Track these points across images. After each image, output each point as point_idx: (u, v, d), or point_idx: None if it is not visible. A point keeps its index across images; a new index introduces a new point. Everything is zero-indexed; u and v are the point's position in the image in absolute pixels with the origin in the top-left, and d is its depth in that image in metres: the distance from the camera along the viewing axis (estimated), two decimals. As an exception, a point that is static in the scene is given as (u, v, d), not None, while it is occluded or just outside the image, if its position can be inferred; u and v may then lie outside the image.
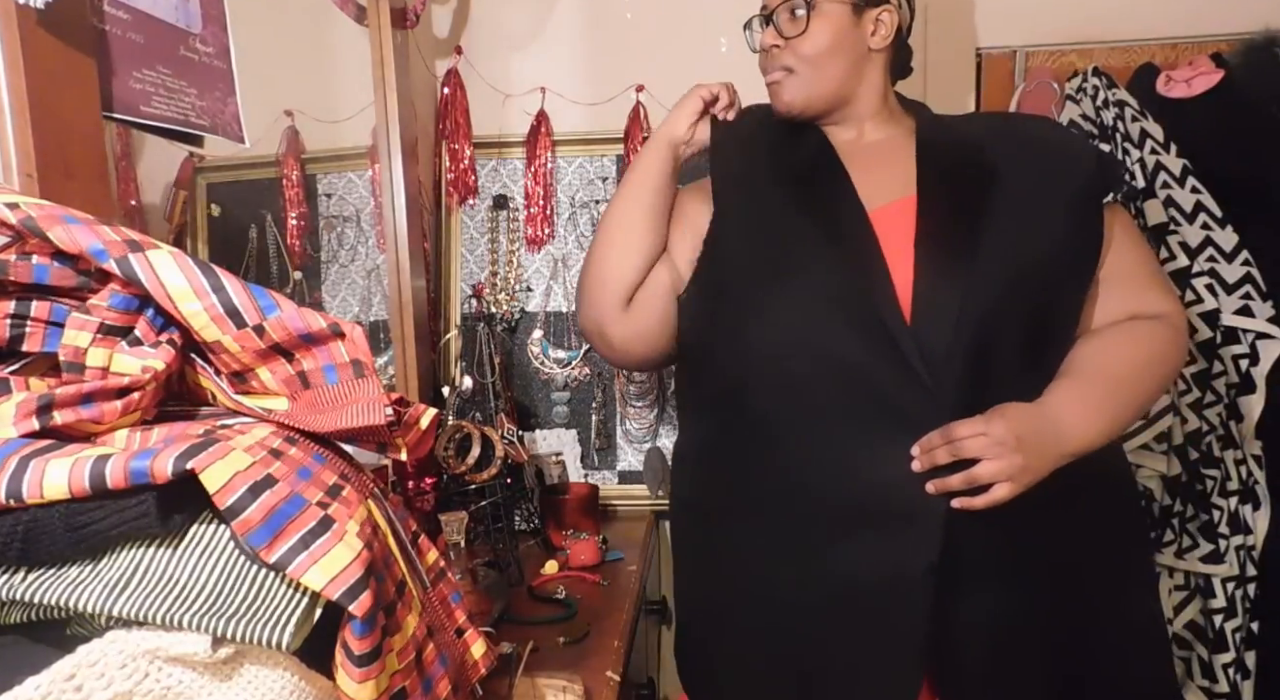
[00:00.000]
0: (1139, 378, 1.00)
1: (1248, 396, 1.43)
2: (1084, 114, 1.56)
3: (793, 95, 1.12)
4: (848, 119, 1.15)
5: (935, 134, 1.12)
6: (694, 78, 1.79)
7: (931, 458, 0.91)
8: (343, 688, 0.51)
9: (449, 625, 0.67)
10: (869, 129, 1.14)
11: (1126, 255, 1.06)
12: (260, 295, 0.54)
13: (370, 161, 1.63)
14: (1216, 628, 1.43)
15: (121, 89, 0.84)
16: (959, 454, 0.90)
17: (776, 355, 1.02)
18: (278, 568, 0.47)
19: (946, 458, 0.90)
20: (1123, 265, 1.05)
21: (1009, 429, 0.90)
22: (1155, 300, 1.05)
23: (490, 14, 1.87)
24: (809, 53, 1.10)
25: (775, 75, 1.13)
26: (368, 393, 0.56)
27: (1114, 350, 1.01)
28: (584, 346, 1.83)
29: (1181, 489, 1.45)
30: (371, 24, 1.54)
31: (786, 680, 1.01)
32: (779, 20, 1.11)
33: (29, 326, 0.55)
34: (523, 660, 1.03)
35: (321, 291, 1.55)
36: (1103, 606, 1.00)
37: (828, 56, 1.10)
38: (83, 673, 0.44)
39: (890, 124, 1.15)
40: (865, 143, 1.14)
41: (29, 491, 0.45)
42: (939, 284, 0.97)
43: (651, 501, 1.80)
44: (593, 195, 1.85)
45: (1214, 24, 1.70)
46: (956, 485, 0.91)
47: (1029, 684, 0.97)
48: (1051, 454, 0.92)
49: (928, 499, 0.92)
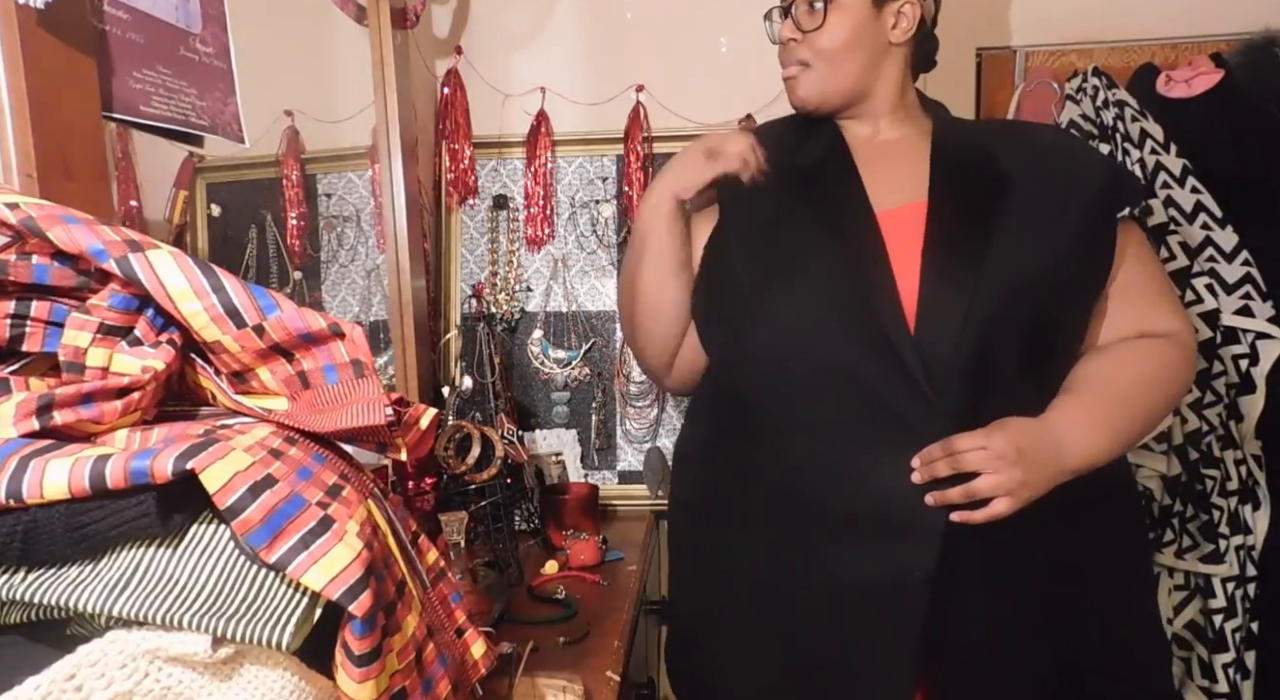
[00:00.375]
0: (1145, 396, 0.99)
1: (1248, 396, 1.43)
2: (1084, 114, 1.56)
3: (808, 90, 1.11)
4: (864, 114, 1.12)
5: (951, 137, 1.10)
6: (694, 78, 1.81)
7: (932, 470, 0.91)
8: (343, 688, 0.51)
9: (449, 625, 0.67)
10: (885, 126, 1.12)
11: (1137, 272, 1.04)
12: (260, 295, 0.54)
13: (370, 161, 1.63)
14: (1216, 628, 1.43)
15: (121, 89, 0.84)
16: (959, 467, 0.89)
17: (775, 358, 1.01)
18: (278, 568, 0.47)
19: (946, 470, 0.90)
20: (1132, 282, 1.03)
21: (1010, 443, 0.89)
22: (1164, 319, 1.03)
23: (490, 14, 1.87)
24: (826, 47, 1.08)
25: (791, 70, 1.12)
26: (368, 393, 0.56)
27: (1120, 368, 0.99)
28: (584, 346, 1.83)
29: (1181, 489, 1.45)
30: (371, 24, 1.54)
31: (779, 681, 1.01)
32: (797, 13, 1.09)
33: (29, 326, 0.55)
34: (523, 660, 1.03)
35: (321, 291, 1.55)
36: (1102, 611, 1.00)
37: (845, 51, 1.08)
38: (83, 673, 0.44)
39: (906, 123, 1.13)
40: (880, 140, 1.12)
41: (29, 491, 0.45)
42: (944, 292, 0.96)
43: (651, 501, 1.80)
44: (593, 195, 1.85)
45: (1214, 24, 1.70)
46: (955, 498, 0.90)
47: (1022, 691, 0.96)
48: (1052, 470, 0.91)
49: (926, 510, 0.92)
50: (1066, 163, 1.04)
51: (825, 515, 0.97)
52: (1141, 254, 1.06)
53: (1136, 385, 0.98)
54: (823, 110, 1.12)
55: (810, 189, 1.07)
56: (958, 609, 0.93)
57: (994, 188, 1.01)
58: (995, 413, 0.92)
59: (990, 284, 0.95)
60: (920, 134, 1.12)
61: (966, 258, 0.97)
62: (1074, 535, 0.97)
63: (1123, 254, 1.03)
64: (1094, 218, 1.01)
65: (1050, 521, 0.93)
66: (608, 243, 1.84)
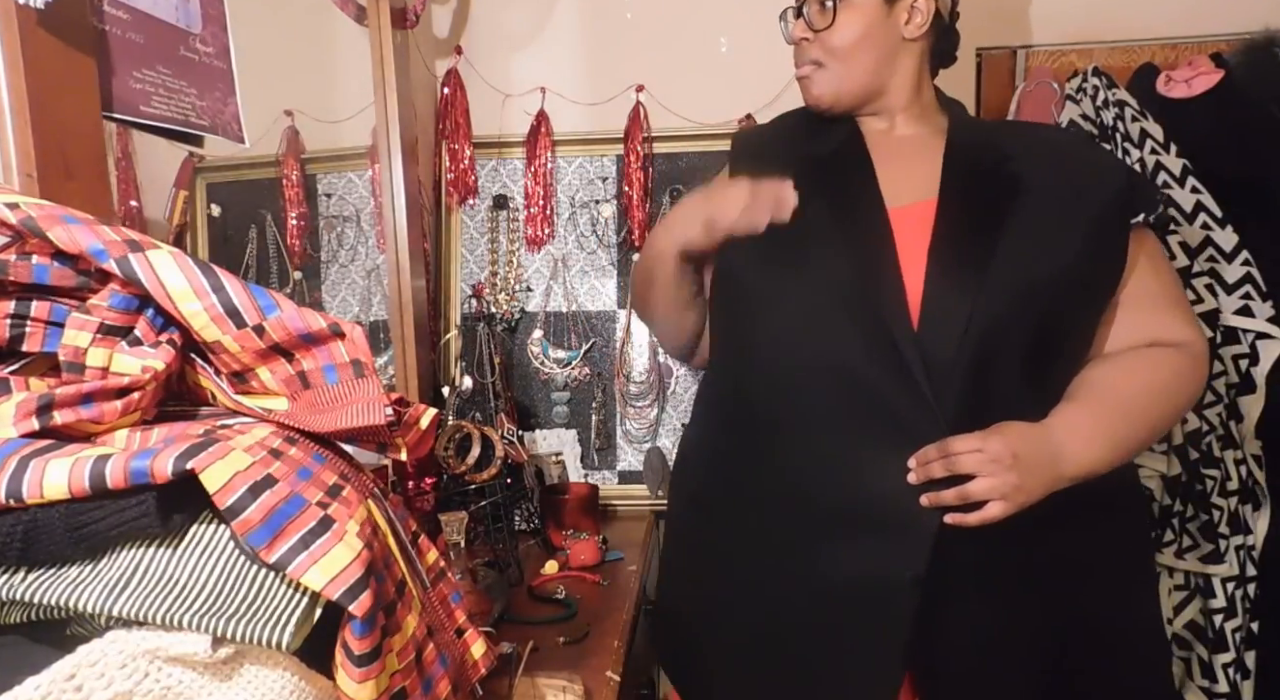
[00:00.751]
0: (1151, 406, 0.97)
1: (1248, 396, 1.43)
2: (1084, 114, 1.56)
3: (821, 90, 1.10)
4: (880, 110, 1.12)
5: (966, 136, 1.09)
6: (694, 78, 1.81)
7: (927, 471, 0.90)
8: (343, 688, 0.51)
9: (449, 625, 0.67)
10: (901, 122, 1.12)
11: (1149, 280, 1.02)
12: (260, 295, 0.54)
13: (370, 161, 1.63)
14: (1216, 628, 1.43)
15: (121, 89, 0.84)
16: (954, 469, 0.89)
17: (778, 351, 1.01)
18: (278, 568, 0.47)
19: (941, 472, 0.89)
20: (1144, 290, 1.02)
21: (1006, 447, 0.88)
22: (1176, 328, 1.02)
23: (490, 14, 1.87)
24: (838, 45, 1.07)
25: (804, 69, 1.11)
26: (368, 393, 0.56)
27: (1129, 376, 0.98)
28: (584, 346, 1.83)
29: (1181, 489, 1.45)
30: (371, 24, 1.54)
31: (769, 670, 1.02)
32: (809, 12, 1.09)
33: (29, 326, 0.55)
34: (523, 660, 1.03)
35: (321, 291, 1.55)
36: (1104, 611, 0.99)
37: (857, 49, 1.07)
38: (83, 673, 0.44)
39: (922, 120, 1.12)
40: (896, 136, 1.11)
41: (29, 491, 0.45)
42: (948, 294, 0.95)
43: (651, 501, 1.80)
44: (593, 195, 1.85)
45: (1214, 24, 1.70)
46: (949, 500, 0.90)
47: (1013, 693, 0.96)
48: (1048, 477, 0.90)
49: (920, 511, 0.91)
50: (1082, 167, 1.03)
51: (821, 511, 0.97)
52: (1155, 262, 1.04)
53: (1145, 395, 0.97)
54: (837, 109, 1.12)
55: (824, 181, 1.06)
56: (948, 610, 0.92)
57: (1006, 189, 1.00)
58: (995, 416, 0.92)
59: (995, 287, 0.94)
60: (935, 132, 1.11)
61: (972, 259, 0.96)
62: (1078, 535, 0.96)
63: (1135, 261, 1.01)
64: (1106, 224, 0.99)
65: (1049, 524, 0.92)
66: (608, 243, 1.84)
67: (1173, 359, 1.00)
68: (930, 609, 0.92)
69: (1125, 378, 0.98)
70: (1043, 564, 0.95)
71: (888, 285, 0.96)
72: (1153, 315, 1.02)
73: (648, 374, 1.81)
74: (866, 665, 0.95)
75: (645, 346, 1.83)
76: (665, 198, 1.83)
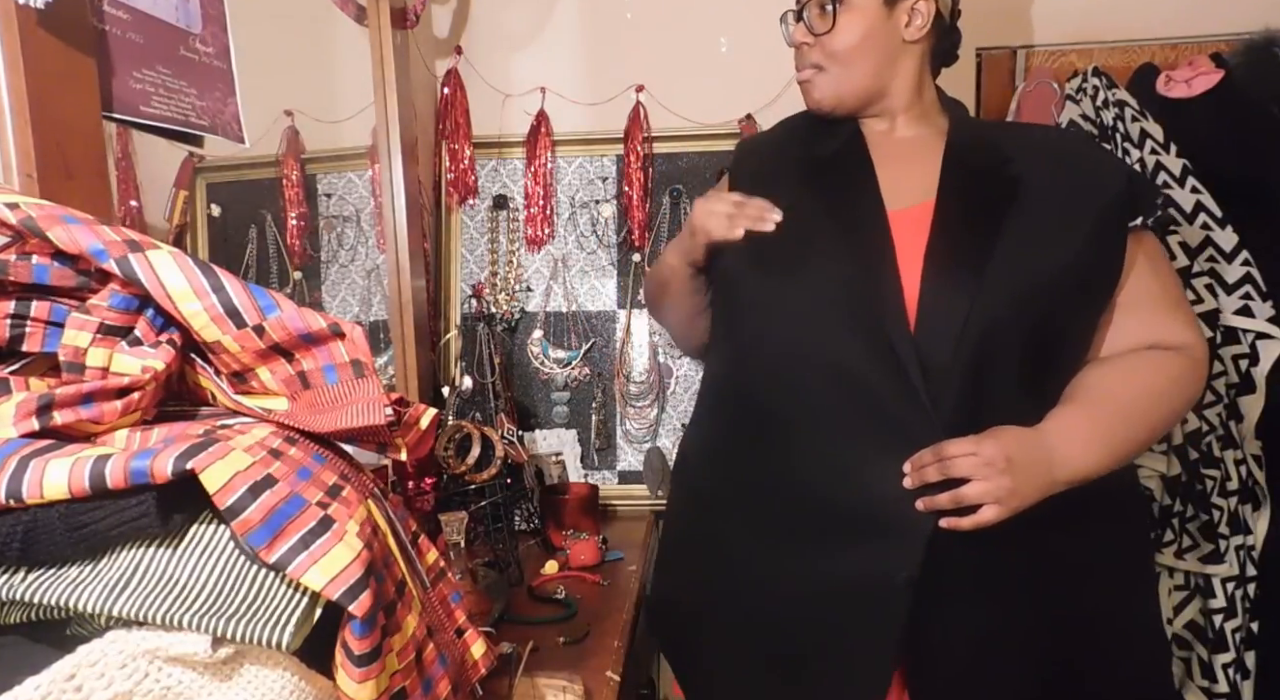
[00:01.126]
0: (1150, 410, 0.97)
1: (1247, 396, 1.43)
2: (1084, 114, 1.56)
3: (822, 93, 1.10)
4: (882, 112, 1.12)
5: (966, 137, 1.09)
6: (694, 78, 1.81)
7: (922, 475, 0.90)
8: (343, 688, 0.51)
9: (449, 625, 0.67)
10: (902, 123, 1.12)
11: (1149, 283, 1.02)
12: (260, 295, 0.54)
13: (370, 161, 1.63)
14: (1216, 628, 1.43)
15: (121, 89, 0.84)
16: (948, 473, 0.88)
17: (776, 352, 1.01)
18: (278, 568, 0.47)
19: (936, 476, 0.89)
20: (1144, 292, 1.01)
21: (1000, 451, 0.88)
22: (1177, 331, 1.01)
23: (490, 14, 1.87)
24: (838, 49, 1.07)
25: (805, 73, 1.11)
26: (368, 393, 0.56)
27: (1128, 379, 0.97)
28: (584, 346, 1.83)
29: (1181, 489, 1.45)
30: (371, 24, 1.54)
31: (762, 665, 1.02)
32: (809, 16, 1.09)
33: (29, 326, 0.55)
34: (523, 660, 1.03)
35: (321, 291, 1.55)
36: (1104, 611, 0.99)
37: (857, 53, 1.07)
38: (83, 673, 0.44)
39: (923, 121, 1.12)
40: (897, 137, 1.11)
41: (29, 491, 0.45)
42: (945, 296, 0.95)
43: (651, 501, 1.80)
44: (593, 195, 1.85)
45: (1214, 24, 1.70)
46: (944, 504, 0.89)
47: (1005, 695, 0.96)
48: (1042, 481, 0.90)
49: (915, 514, 0.91)
50: (1082, 169, 1.02)
51: (818, 511, 0.97)
52: (1156, 263, 1.03)
53: (1143, 398, 0.96)
54: (839, 112, 1.12)
55: (824, 183, 1.07)
56: (942, 612, 0.92)
57: (1005, 191, 1.00)
58: (991, 420, 0.91)
59: (992, 290, 0.94)
60: (936, 133, 1.11)
61: (969, 261, 0.96)
62: (1075, 537, 0.96)
63: (1134, 262, 1.01)
64: (1105, 226, 0.99)
65: (1046, 525, 0.92)
66: (608, 243, 1.84)
67: (1172, 362, 0.99)
68: (924, 610, 0.92)
69: (1123, 381, 0.97)
70: (1039, 565, 0.95)
71: (885, 287, 0.96)
72: (1152, 317, 1.01)
73: (647, 374, 1.81)
74: (856, 663, 0.96)
75: (645, 346, 1.83)
76: (665, 198, 1.83)
